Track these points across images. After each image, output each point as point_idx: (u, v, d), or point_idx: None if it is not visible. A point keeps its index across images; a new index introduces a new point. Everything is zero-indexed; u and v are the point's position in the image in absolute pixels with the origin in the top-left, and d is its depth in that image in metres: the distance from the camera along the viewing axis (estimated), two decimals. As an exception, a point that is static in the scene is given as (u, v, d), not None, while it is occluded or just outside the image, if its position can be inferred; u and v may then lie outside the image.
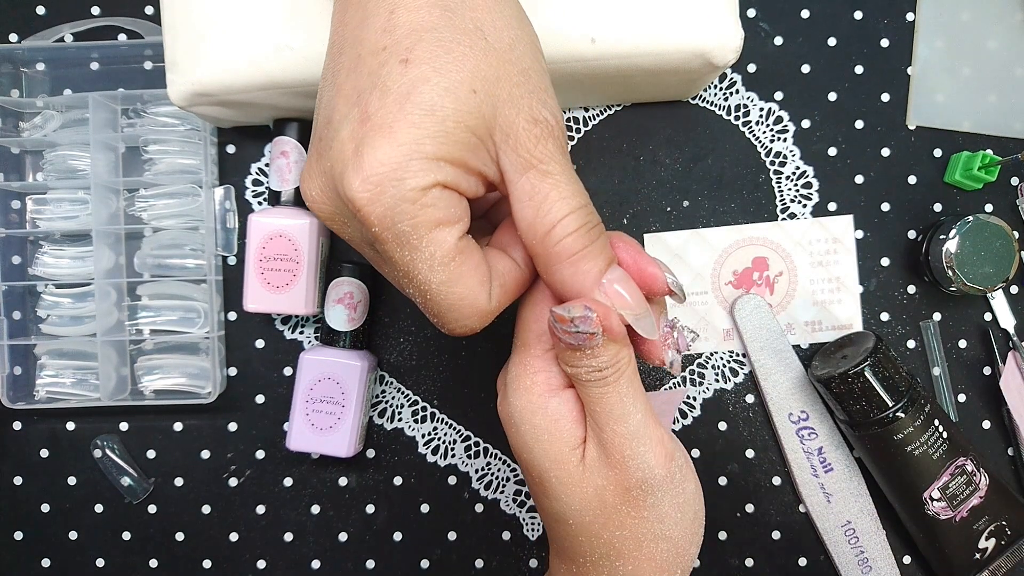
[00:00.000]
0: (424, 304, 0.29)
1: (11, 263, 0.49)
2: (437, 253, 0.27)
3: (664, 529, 0.30)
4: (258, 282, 0.45)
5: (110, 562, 0.50)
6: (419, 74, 0.25)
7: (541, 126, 0.27)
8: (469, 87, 0.26)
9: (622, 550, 0.30)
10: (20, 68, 0.49)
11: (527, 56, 0.28)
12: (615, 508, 0.30)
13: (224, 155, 0.50)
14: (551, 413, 0.30)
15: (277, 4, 0.40)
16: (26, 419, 0.50)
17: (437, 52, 0.26)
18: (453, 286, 0.27)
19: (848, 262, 0.50)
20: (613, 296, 0.28)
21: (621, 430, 0.29)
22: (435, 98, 0.25)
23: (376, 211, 0.26)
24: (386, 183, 0.25)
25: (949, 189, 0.50)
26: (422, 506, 0.50)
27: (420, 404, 0.50)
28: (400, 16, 0.26)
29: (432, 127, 0.25)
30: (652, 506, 0.30)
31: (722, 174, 0.50)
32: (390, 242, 0.26)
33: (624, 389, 0.29)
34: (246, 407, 0.50)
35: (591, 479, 0.30)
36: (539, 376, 0.31)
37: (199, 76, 0.40)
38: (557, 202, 0.27)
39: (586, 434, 0.31)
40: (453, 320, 0.29)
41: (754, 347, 0.49)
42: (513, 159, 0.27)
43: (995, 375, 0.50)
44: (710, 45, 0.40)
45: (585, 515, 0.30)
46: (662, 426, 0.30)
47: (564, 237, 0.27)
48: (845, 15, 0.50)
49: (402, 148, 0.25)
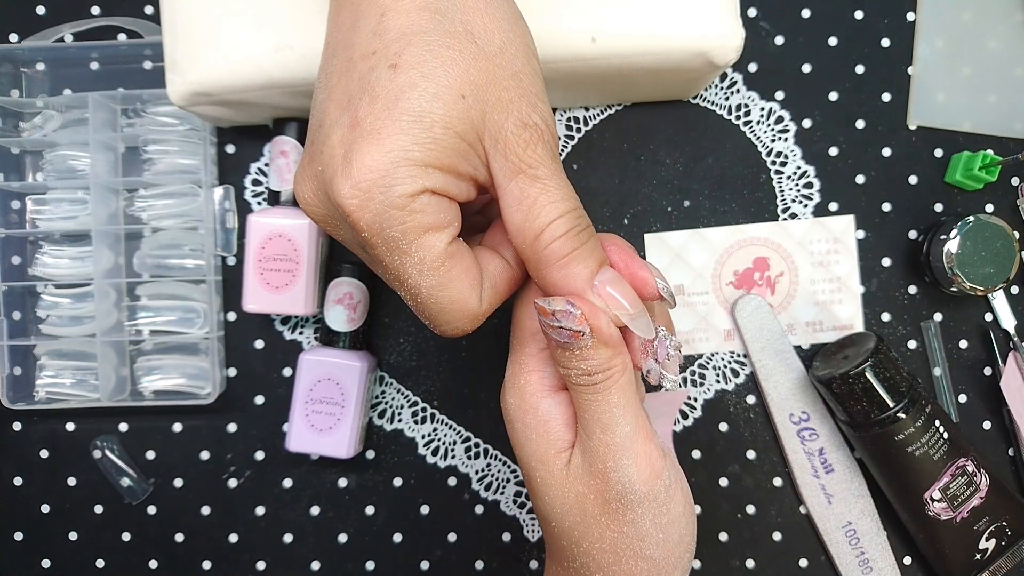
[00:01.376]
0: (415, 307, 0.29)
1: (11, 263, 0.49)
2: (426, 258, 0.27)
3: (644, 548, 0.30)
4: (257, 282, 0.45)
5: (110, 563, 0.50)
6: (407, 80, 0.25)
7: (530, 130, 0.27)
8: (458, 92, 0.26)
9: (601, 562, 0.30)
10: (20, 68, 0.49)
11: (518, 59, 0.27)
12: (595, 518, 0.30)
13: (224, 155, 0.50)
14: (541, 414, 0.30)
15: (277, 4, 0.40)
16: (26, 419, 0.50)
17: (426, 57, 0.26)
18: (443, 290, 0.28)
19: (849, 262, 0.50)
20: (605, 297, 0.28)
21: (607, 440, 0.29)
22: (423, 104, 0.25)
23: (365, 217, 0.26)
24: (374, 190, 0.25)
25: (950, 189, 0.50)
26: (422, 507, 0.50)
27: (420, 405, 0.50)
28: (390, 19, 0.26)
29: (420, 133, 0.25)
30: (632, 522, 0.29)
31: (723, 174, 0.50)
32: (380, 247, 0.26)
33: (614, 398, 0.29)
34: (246, 408, 0.50)
35: (573, 485, 0.30)
36: (532, 376, 0.31)
37: (199, 76, 0.40)
38: (546, 206, 0.27)
39: (576, 439, 0.30)
40: (444, 323, 0.29)
41: (755, 348, 0.49)
42: (502, 164, 0.27)
43: (996, 375, 0.50)
44: (711, 44, 0.40)
45: (566, 520, 0.30)
46: (655, 442, 0.30)
47: (553, 241, 0.27)
48: (846, 15, 0.50)
49: (390, 155, 0.25)
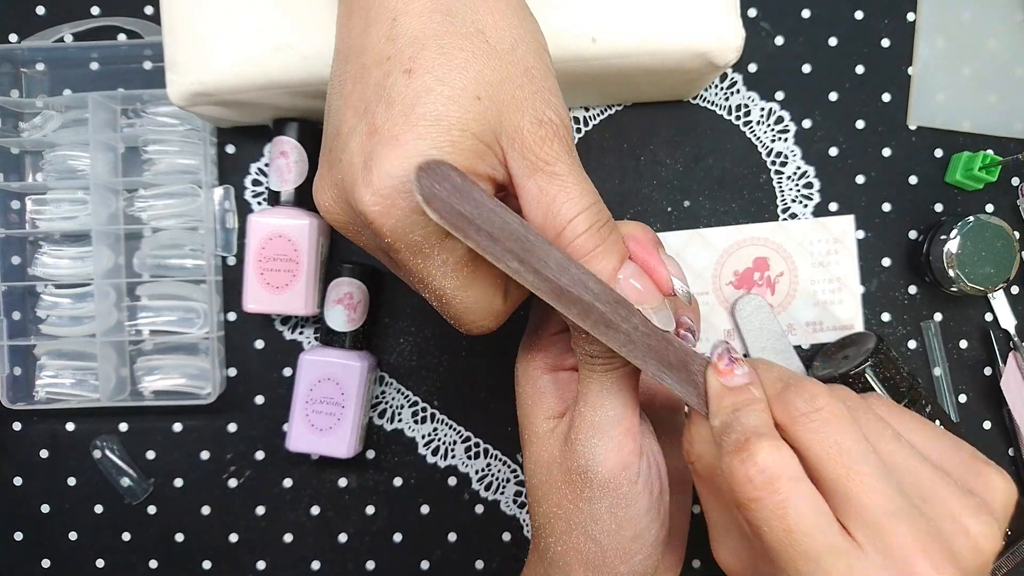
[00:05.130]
0: (440, 307, 0.29)
1: (11, 263, 0.49)
2: (450, 260, 0.27)
3: (594, 530, 0.31)
4: (258, 282, 0.45)
5: (110, 562, 0.50)
6: (423, 84, 0.26)
7: (546, 127, 0.27)
8: (473, 94, 0.26)
9: (555, 528, 0.32)
10: (20, 68, 0.49)
11: (530, 55, 0.28)
12: (557, 484, 0.31)
13: (224, 155, 0.50)
14: (539, 387, 0.33)
15: (277, 4, 0.40)
16: (26, 419, 0.50)
17: (440, 61, 0.26)
18: (467, 290, 0.28)
19: (849, 262, 0.50)
20: (628, 292, 0.28)
21: (588, 415, 0.30)
22: (439, 108, 0.26)
23: (388, 223, 0.26)
24: (396, 196, 0.25)
25: (950, 189, 0.50)
26: (422, 507, 0.50)
27: (420, 405, 0.50)
28: (402, 24, 0.26)
29: (438, 137, 0.26)
30: (587, 500, 0.30)
31: (723, 174, 0.50)
32: (403, 251, 0.27)
33: (608, 382, 0.30)
34: (246, 408, 0.50)
35: (549, 447, 0.32)
36: (539, 354, 0.33)
37: (199, 76, 0.40)
38: (565, 203, 0.27)
39: (566, 413, 0.32)
40: (469, 321, 0.29)
41: (755, 347, 0.49)
42: (520, 162, 0.27)
43: (996, 375, 0.50)
44: (711, 45, 0.40)
45: (534, 477, 0.33)
46: (635, 438, 0.30)
47: (575, 238, 0.27)
48: (846, 15, 0.50)
49: (410, 160, 0.25)
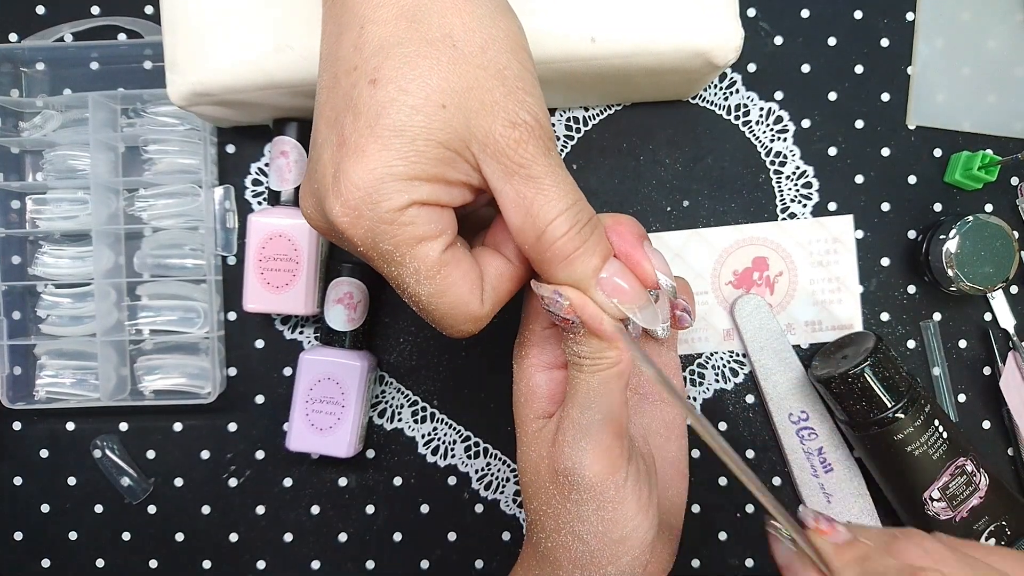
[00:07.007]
0: (420, 313, 0.29)
1: (11, 263, 0.49)
2: (422, 268, 0.27)
3: (581, 530, 0.31)
4: (258, 282, 0.45)
5: (110, 562, 0.50)
6: (386, 95, 0.26)
7: (520, 129, 0.26)
8: (438, 102, 0.26)
9: (545, 525, 0.32)
10: (20, 68, 0.49)
11: (502, 55, 0.27)
12: (544, 484, 0.32)
13: (224, 155, 0.50)
14: (532, 385, 0.33)
15: (277, 4, 0.40)
16: (26, 419, 0.50)
17: (403, 71, 0.26)
18: (442, 296, 0.28)
19: (848, 262, 0.50)
20: (611, 291, 0.28)
21: (576, 417, 0.30)
22: (403, 119, 0.25)
23: (358, 233, 0.26)
24: (363, 207, 0.26)
25: (949, 189, 0.50)
26: (422, 507, 0.50)
27: (420, 404, 0.50)
28: (368, 32, 0.26)
29: (402, 148, 0.25)
30: (575, 501, 0.31)
31: (722, 174, 0.50)
32: (376, 260, 0.27)
33: (596, 384, 0.30)
34: (246, 407, 0.50)
35: (538, 447, 0.32)
36: (532, 351, 0.33)
37: (199, 76, 0.40)
38: (543, 206, 0.27)
39: (556, 412, 0.33)
40: (449, 326, 0.29)
41: (754, 347, 0.49)
42: (494, 167, 0.27)
43: (995, 375, 0.50)
44: (710, 44, 0.40)
45: (524, 475, 0.33)
46: (623, 443, 0.31)
47: (555, 241, 0.27)
48: (845, 15, 0.50)
49: (375, 172, 0.25)
